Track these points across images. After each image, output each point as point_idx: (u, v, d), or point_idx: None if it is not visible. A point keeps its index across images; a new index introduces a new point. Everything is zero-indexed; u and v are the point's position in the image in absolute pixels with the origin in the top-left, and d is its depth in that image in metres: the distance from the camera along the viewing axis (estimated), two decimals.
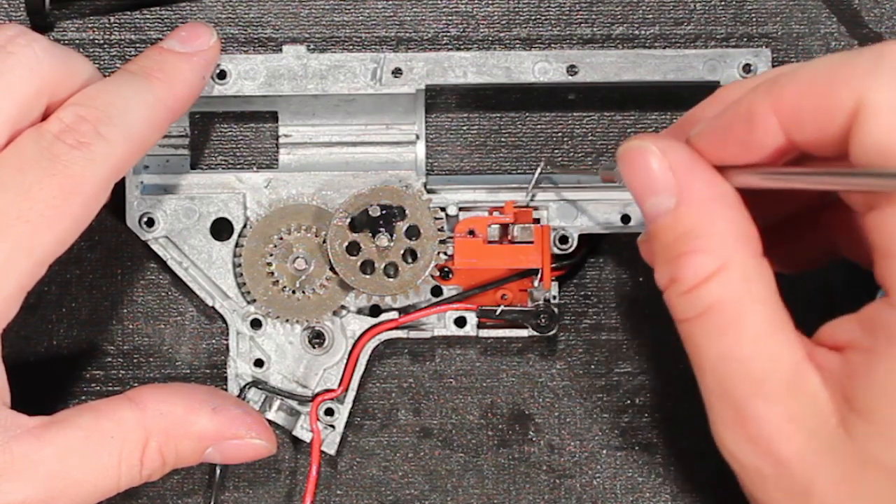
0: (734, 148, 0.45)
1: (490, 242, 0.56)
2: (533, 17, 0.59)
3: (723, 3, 0.59)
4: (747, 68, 0.57)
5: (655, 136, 0.47)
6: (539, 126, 0.60)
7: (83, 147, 0.48)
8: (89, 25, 0.59)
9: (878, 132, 0.41)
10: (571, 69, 0.57)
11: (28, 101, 0.49)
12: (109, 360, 0.59)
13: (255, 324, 0.57)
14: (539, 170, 0.56)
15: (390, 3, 0.59)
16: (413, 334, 0.58)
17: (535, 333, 0.57)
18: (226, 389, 0.57)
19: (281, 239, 0.57)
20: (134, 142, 0.50)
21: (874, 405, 0.42)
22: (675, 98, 0.59)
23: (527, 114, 0.60)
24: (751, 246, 0.45)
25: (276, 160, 0.59)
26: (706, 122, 0.46)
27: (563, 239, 0.57)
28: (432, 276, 0.56)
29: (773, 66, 0.57)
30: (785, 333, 0.45)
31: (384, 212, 0.55)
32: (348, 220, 0.56)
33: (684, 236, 0.46)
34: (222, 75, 0.56)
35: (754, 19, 0.59)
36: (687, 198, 0.46)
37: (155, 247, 0.57)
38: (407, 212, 0.56)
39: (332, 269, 0.56)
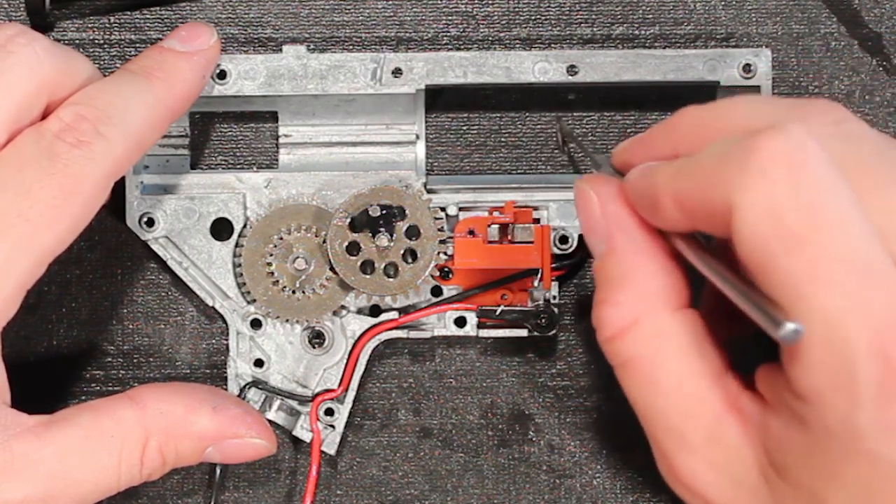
0: (647, 215, 0.46)
1: (490, 242, 0.56)
2: (533, 17, 0.59)
3: (723, 3, 0.59)
4: (747, 68, 0.57)
5: (602, 181, 0.48)
6: (539, 126, 0.60)
7: (83, 146, 0.48)
8: (89, 25, 0.59)
9: (747, 233, 0.41)
10: (571, 69, 0.57)
11: (28, 101, 0.49)
12: (109, 360, 0.59)
13: (255, 324, 0.57)
14: (559, 130, 0.57)
15: (390, 3, 0.59)
16: (413, 334, 0.58)
17: (535, 333, 0.57)
18: (226, 389, 0.57)
19: (281, 239, 0.57)
20: (134, 141, 0.50)
21: (788, 468, 0.43)
22: (675, 98, 0.59)
23: (527, 114, 0.60)
24: (666, 301, 0.46)
25: (276, 160, 0.59)
26: (635, 172, 0.47)
27: (563, 239, 0.57)
28: (432, 276, 0.56)
29: (773, 67, 0.57)
30: (703, 386, 0.45)
31: (384, 212, 0.55)
32: (348, 220, 0.56)
33: (607, 283, 0.47)
34: (222, 75, 0.56)
35: (754, 19, 0.59)
36: (611, 247, 0.47)
37: (155, 247, 0.57)
38: (407, 212, 0.56)
39: (332, 269, 0.56)
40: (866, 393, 0.40)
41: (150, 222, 0.57)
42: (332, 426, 0.58)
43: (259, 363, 0.57)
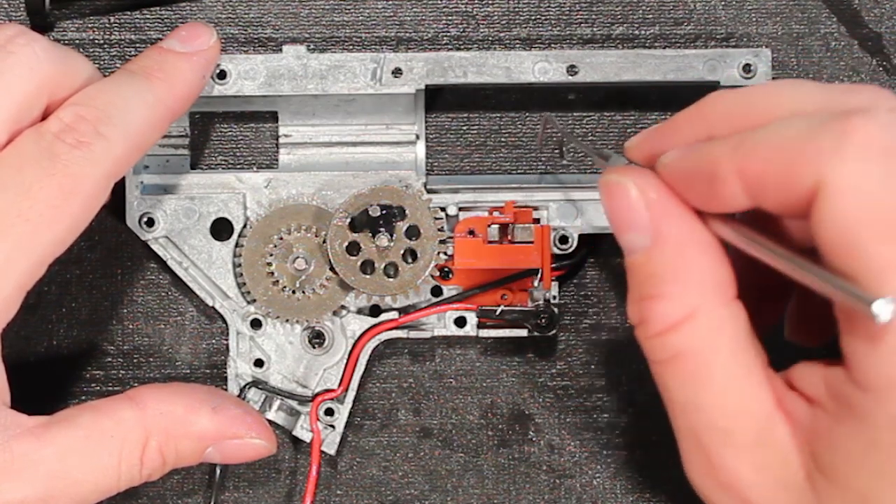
0: (696, 196, 0.45)
1: (490, 242, 0.56)
2: (533, 17, 0.59)
3: (723, 3, 0.59)
4: (747, 68, 0.57)
5: (636, 171, 0.46)
6: (539, 126, 0.60)
7: (83, 146, 0.48)
8: (89, 25, 0.59)
9: (837, 214, 0.40)
10: (571, 69, 0.57)
11: (28, 101, 0.49)
12: (109, 360, 0.59)
13: (255, 324, 0.57)
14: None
15: (390, 3, 0.59)
16: (413, 334, 0.58)
17: (535, 333, 0.57)
18: (226, 389, 0.57)
19: (281, 239, 0.57)
20: (134, 141, 0.50)
21: (837, 469, 0.42)
22: (675, 98, 0.59)
23: (527, 114, 0.60)
24: (721, 293, 0.45)
25: (276, 160, 0.59)
26: (676, 153, 0.46)
27: (563, 239, 0.57)
28: (432, 276, 0.56)
29: (773, 67, 0.57)
30: (754, 383, 0.44)
31: (384, 212, 0.55)
32: (348, 220, 0.56)
33: (655, 278, 0.45)
34: (222, 75, 0.56)
35: (754, 19, 0.59)
36: (660, 239, 0.45)
37: (155, 247, 0.57)
38: (407, 212, 0.56)
39: (332, 269, 0.56)
40: None
41: (150, 222, 0.57)
42: (332, 426, 0.58)
43: (259, 363, 0.57)
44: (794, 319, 0.50)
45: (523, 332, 0.57)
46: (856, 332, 0.41)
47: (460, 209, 0.57)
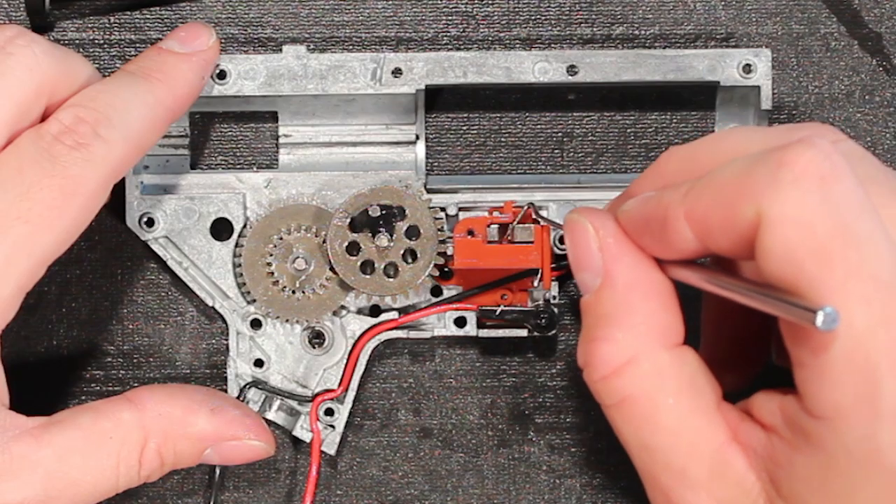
0: (651, 242, 0.46)
1: (490, 242, 0.56)
2: (533, 17, 0.59)
3: (723, 3, 0.59)
4: (747, 68, 0.57)
5: (595, 213, 0.47)
6: (539, 126, 0.60)
7: (82, 148, 0.48)
8: (89, 25, 0.59)
9: (777, 244, 0.40)
10: (571, 69, 0.57)
11: (27, 102, 0.49)
12: (109, 360, 0.59)
13: (255, 324, 0.57)
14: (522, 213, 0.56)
15: (390, 3, 0.59)
16: (413, 334, 0.58)
17: (535, 333, 0.57)
18: (226, 390, 0.57)
19: (281, 239, 0.57)
20: (133, 143, 0.50)
21: (797, 495, 0.42)
22: (675, 98, 0.59)
23: (527, 114, 0.60)
24: (664, 337, 0.45)
25: (276, 160, 0.59)
26: (633, 201, 0.46)
27: (564, 239, 0.57)
28: (432, 276, 0.56)
29: (773, 67, 0.57)
30: (704, 421, 0.45)
31: (384, 212, 0.55)
32: (348, 220, 0.56)
33: (601, 319, 0.46)
34: (222, 75, 0.56)
35: (754, 19, 0.59)
36: (609, 281, 0.46)
37: (155, 247, 0.57)
38: (407, 212, 0.56)
39: (332, 269, 0.56)
40: (889, 409, 0.40)
41: (150, 222, 0.57)
42: (332, 426, 0.58)
43: (259, 363, 0.57)
44: (777, 345, 0.51)
45: (523, 332, 0.57)
46: (803, 357, 0.41)
47: (460, 209, 0.57)
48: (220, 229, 0.57)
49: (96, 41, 0.59)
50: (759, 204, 0.41)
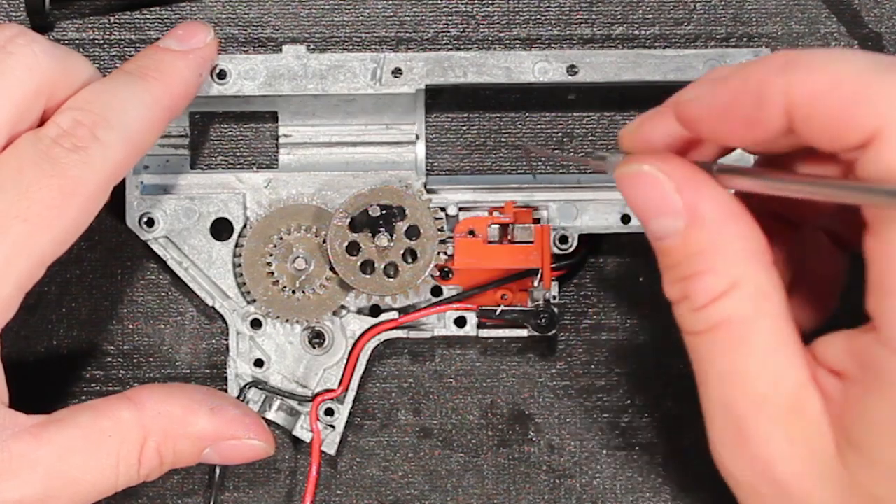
0: (734, 124, 0.43)
1: (490, 242, 0.56)
2: (533, 17, 0.59)
3: (723, 3, 0.59)
4: None
5: (658, 156, 0.46)
6: (539, 126, 0.60)
7: (80, 151, 0.48)
8: (89, 25, 0.59)
9: (892, 163, 0.40)
10: (571, 69, 0.57)
11: (27, 102, 0.49)
12: (109, 360, 0.59)
13: (255, 324, 0.57)
14: (525, 155, 0.56)
15: (390, 3, 0.59)
16: (413, 334, 0.58)
17: (535, 333, 0.57)
18: (226, 389, 0.57)
19: (281, 239, 0.57)
20: (132, 143, 0.50)
21: (867, 440, 0.42)
22: None
23: (527, 114, 0.60)
24: (761, 260, 0.44)
25: (276, 160, 0.59)
26: (703, 90, 0.44)
27: (563, 239, 0.57)
28: (432, 276, 0.56)
29: None
30: (791, 352, 0.44)
31: (384, 212, 0.55)
32: (348, 220, 0.56)
33: (694, 256, 0.45)
34: (222, 75, 0.56)
35: (754, 19, 0.59)
36: (695, 220, 0.44)
37: (155, 247, 0.57)
38: (407, 212, 0.56)
39: (332, 269, 0.56)
40: None
41: (150, 222, 0.57)
42: (332, 426, 0.58)
43: (259, 363, 0.57)
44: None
45: (523, 332, 0.57)
46: (886, 289, 0.40)
47: (460, 209, 0.57)
48: (220, 229, 0.57)
49: (96, 41, 0.59)
50: (883, 117, 0.39)
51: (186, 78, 0.52)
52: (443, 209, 0.57)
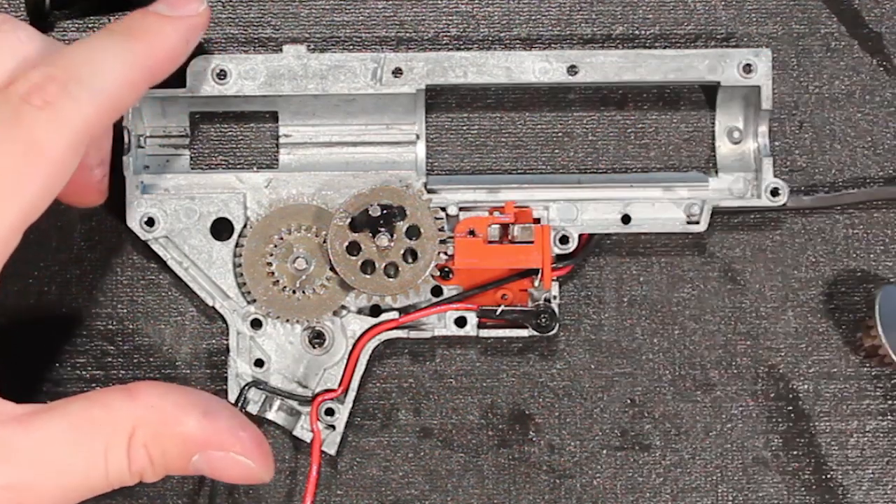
0: None
1: (490, 242, 0.56)
2: (533, 17, 0.59)
3: (723, 3, 0.59)
4: (747, 68, 0.57)
5: None
6: (539, 126, 0.60)
7: (48, 108, 0.46)
8: (89, 25, 0.59)
9: None
10: (571, 69, 0.57)
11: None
12: (109, 360, 0.59)
13: (255, 324, 0.57)
14: None
15: (390, 3, 0.59)
16: (413, 334, 0.58)
17: (535, 333, 0.57)
18: (226, 390, 0.57)
19: (281, 239, 0.57)
20: (107, 102, 0.48)
21: None
22: (675, 98, 0.59)
23: (527, 114, 0.60)
24: None
25: (276, 160, 0.59)
26: None
27: (564, 239, 0.57)
28: (432, 276, 0.56)
29: (773, 67, 0.57)
30: None
31: (384, 212, 0.55)
32: (348, 220, 0.56)
33: None
34: (222, 75, 0.56)
35: (754, 19, 0.59)
36: None
37: (155, 247, 0.57)
38: (407, 212, 0.56)
39: (332, 269, 0.56)
40: None
41: (150, 222, 0.57)
42: (333, 426, 0.58)
43: (259, 363, 0.57)
44: None
45: (523, 332, 0.57)
46: None
47: (460, 209, 0.57)
48: (221, 229, 0.57)
49: None
50: None
51: (172, 42, 0.51)
52: (443, 209, 0.57)
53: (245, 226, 0.57)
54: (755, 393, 0.59)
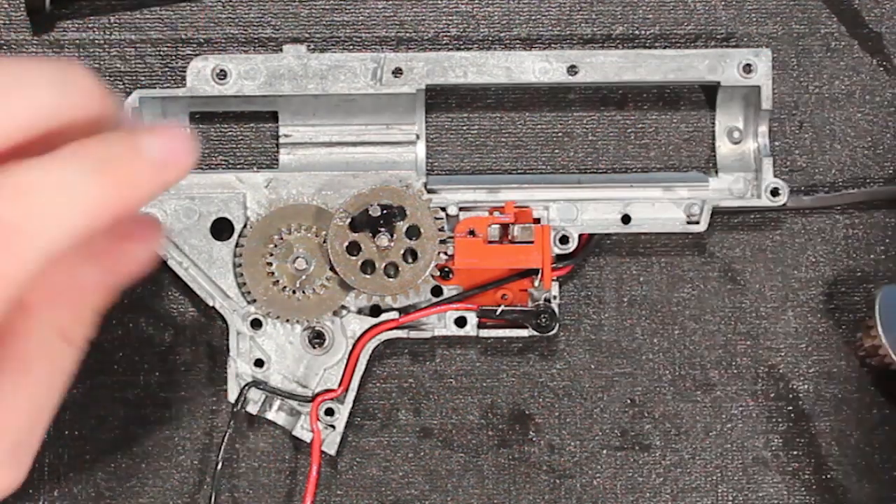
0: None
1: (490, 242, 0.56)
2: (533, 17, 0.59)
3: (723, 3, 0.59)
4: (747, 68, 0.57)
5: None
6: (539, 126, 0.60)
7: None
8: (89, 25, 0.59)
9: None
10: (571, 69, 0.57)
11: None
12: (109, 359, 0.59)
13: (256, 324, 0.57)
14: None
15: (390, 3, 0.59)
16: (413, 334, 0.58)
17: (535, 333, 0.57)
18: (226, 390, 0.57)
19: (281, 239, 0.57)
20: (53, 252, 0.38)
21: None
22: (675, 98, 0.59)
23: (527, 114, 0.60)
24: None
25: (276, 160, 0.59)
26: None
27: (564, 239, 0.57)
28: (432, 276, 0.56)
29: (773, 67, 0.57)
30: None
31: (384, 212, 0.55)
32: (349, 219, 0.56)
33: None
34: (222, 75, 0.56)
35: (754, 19, 0.59)
36: None
37: None
38: (407, 212, 0.56)
39: (332, 269, 0.56)
40: None
41: None
42: (333, 426, 0.58)
43: (259, 363, 0.57)
44: None
45: (523, 332, 0.57)
46: None
47: (460, 209, 0.57)
48: (221, 229, 0.57)
49: (96, 41, 0.59)
50: None
51: (149, 192, 0.40)
52: (443, 209, 0.57)
53: (245, 226, 0.57)
54: (755, 393, 0.59)
